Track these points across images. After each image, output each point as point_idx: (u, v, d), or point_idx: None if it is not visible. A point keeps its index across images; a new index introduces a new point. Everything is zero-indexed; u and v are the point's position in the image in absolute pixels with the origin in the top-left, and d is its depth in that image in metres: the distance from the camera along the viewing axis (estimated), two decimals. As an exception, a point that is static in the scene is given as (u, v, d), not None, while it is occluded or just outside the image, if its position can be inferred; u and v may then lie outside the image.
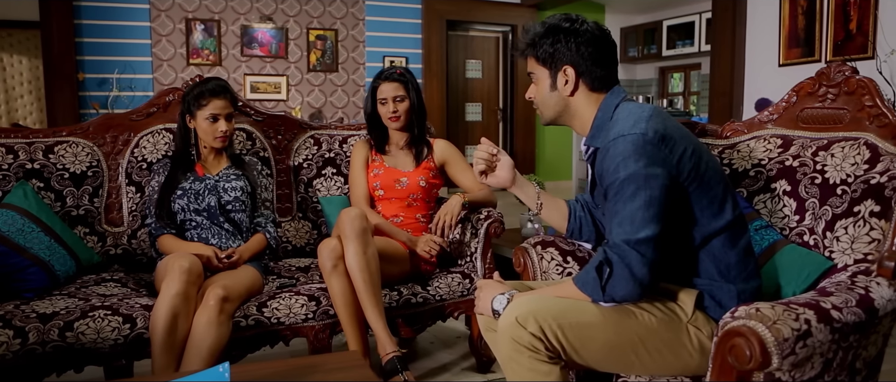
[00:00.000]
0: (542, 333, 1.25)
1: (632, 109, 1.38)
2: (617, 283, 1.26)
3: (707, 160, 1.37)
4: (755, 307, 1.12)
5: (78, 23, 5.89)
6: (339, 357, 1.49)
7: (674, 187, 1.30)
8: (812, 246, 1.54)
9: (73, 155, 2.35)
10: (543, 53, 1.45)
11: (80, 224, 2.32)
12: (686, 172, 1.32)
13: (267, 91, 6.74)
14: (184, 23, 6.29)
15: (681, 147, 1.32)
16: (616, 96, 1.44)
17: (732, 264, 1.36)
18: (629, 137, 1.29)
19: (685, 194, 1.33)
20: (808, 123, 1.73)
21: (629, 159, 1.28)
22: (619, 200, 1.28)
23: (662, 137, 1.30)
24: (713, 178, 1.36)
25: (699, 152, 1.36)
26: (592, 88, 1.45)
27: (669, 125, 1.34)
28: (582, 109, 1.47)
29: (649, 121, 1.31)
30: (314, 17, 6.84)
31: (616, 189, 1.29)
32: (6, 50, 7.64)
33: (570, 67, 1.43)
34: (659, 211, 1.27)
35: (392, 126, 2.41)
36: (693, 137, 1.40)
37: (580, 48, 1.41)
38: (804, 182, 1.62)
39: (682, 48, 7.29)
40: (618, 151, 1.30)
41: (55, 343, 1.80)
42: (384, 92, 2.39)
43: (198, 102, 2.20)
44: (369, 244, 2.02)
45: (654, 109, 1.37)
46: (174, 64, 6.29)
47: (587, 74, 1.43)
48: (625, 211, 1.27)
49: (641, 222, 1.25)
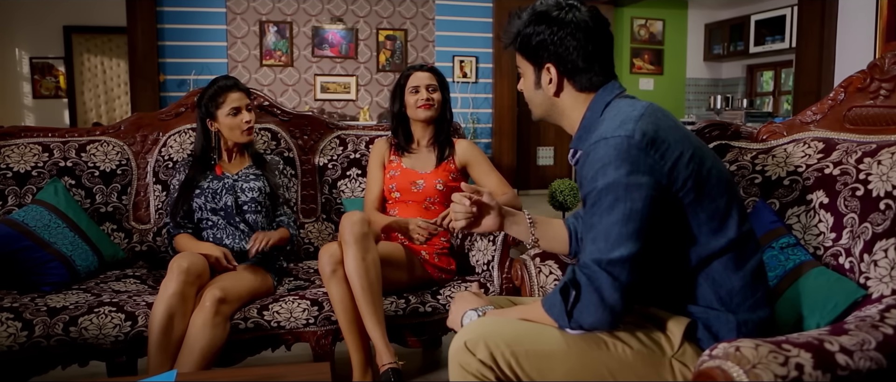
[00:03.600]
0: (492, 360, 1.10)
1: (622, 108, 1.20)
2: (584, 308, 1.09)
3: (710, 167, 1.17)
4: (736, 346, 0.94)
5: (160, 27, 6.21)
6: (304, 370, 1.41)
7: (664, 198, 1.12)
8: (846, 271, 1.30)
9: (104, 154, 2.41)
10: (526, 47, 1.28)
11: (108, 221, 2.38)
12: (681, 180, 1.13)
13: (336, 91, 6.83)
14: (257, 25, 6.49)
15: (675, 152, 1.13)
16: (609, 93, 1.26)
17: (735, 290, 1.16)
18: (612, 141, 1.12)
19: (679, 207, 1.15)
20: (855, 125, 1.48)
21: (609, 166, 1.11)
22: (596, 212, 1.12)
23: (652, 140, 1.12)
24: (716, 189, 1.16)
25: (700, 158, 1.16)
26: (580, 89, 1.27)
27: (663, 126, 1.15)
28: (569, 110, 1.30)
29: (638, 121, 1.14)
30: (384, 18, 6.87)
31: (593, 200, 1.12)
32: (106, 54, 8.21)
33: (552, 64, 1.26)
34: (640, 227, 1.09)
35: (421, 116, 2.29)
36: (695, 140, 1.21)
37: (565, 42, 1.23)
38: (844, 194, 1.37)
39: (772, 44, 6.72)
40: (598, 156, 1.13)
41: (59, 337, 1.84)
42: (417, 80, 2.29)
43: (214, 101, 2.20)
44: (369, 250, 1.93)
45: (648, 107, 1.19)
46: (248, 65, 6.51)
47: (574, 73, 1.25)
48: (600, 225, 1.10)
49: (617, 239, 1.08)
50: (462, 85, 7.07)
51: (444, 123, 2.34)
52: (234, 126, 2.21)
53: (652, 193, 1.10)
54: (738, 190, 1.29)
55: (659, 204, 1.11)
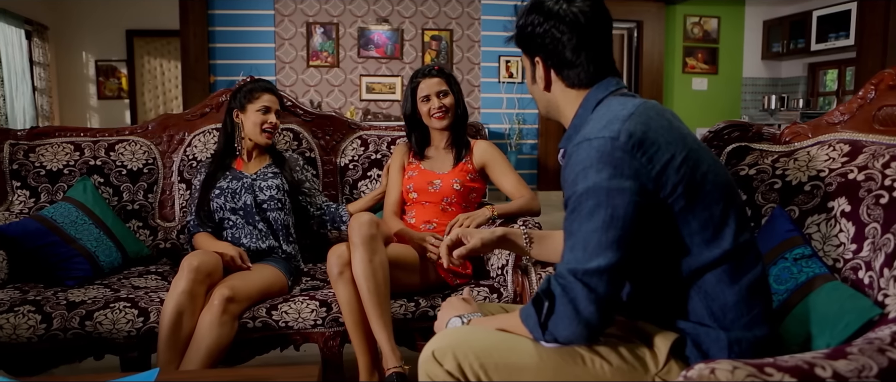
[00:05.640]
0: (460, 372, 1.05)
1: (612, 106, 1.12)
2: (559, 321, 1.03)
3: (706, 172, 1.08)
4: (712, 368, 0.85)
5: (211, 30, 6.39)
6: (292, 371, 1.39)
7: (650, 204, 1.04)
8: (865, 286, 1.19)
9: (132, 153, 2.48)
10: (520, 39, 1.23)
11: (134, 218, 2.45)
12: (670, 186, 1.05)
13: (382, 92, 6.87)
14: (305, 26, 6.59)
15: (665, 155, 1.05)
16: (602, 90, 1.18)
17: (729, 305, 1.07)
18: (595, 142, 1.05)
19: (669, 214, 1.06)
20: (886, 126, 1.35)
21: (591, 169, 1.04)
22: (575, 218, 1.05)
23: (639, 142, 1.04)
24: (711, 195, 1.08)
25: (695, 162, 1.07)
26: (570, 85, 1.20)
27: (654, 127, 1.07)
28: (562, 106, 1.23)
29: (626, 121, 1.06)
30: (429, 18, 6.87)
31: (573, 205, 1.05)
32: (164, 56, 8.53)
33: (540, 58, 1.20)
34: (622, 235, 1.01)
35: (436, 125, 2.27)
36: (692, 141, 1.11)
37: (551, 33, 1.17)
38: (867, 201, 1.25)
39: (835, 41, 6.35)
40: (580, 158, 1.06)
41: (75, 331, 1.89)
42: (426, 88, 2.26)
43: (250, 95, 2.28)
44: (377, 252, 1.90)
45: (640, 106, 1.10)
46: (295, 66, 6.62)
47: (562, 67, 1.19)
48: (579, 233, 1.04)
49: (596, 247, 1.01)
50: (508, 85, 6.99)
51: (459, 123, 2.30)
52: (257, 122, 2.27)
53: (636, 198, 1.02)
54: (739, 197, 1.19)
55: (644, 211, 1.03)
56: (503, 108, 6.97)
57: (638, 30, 7.38)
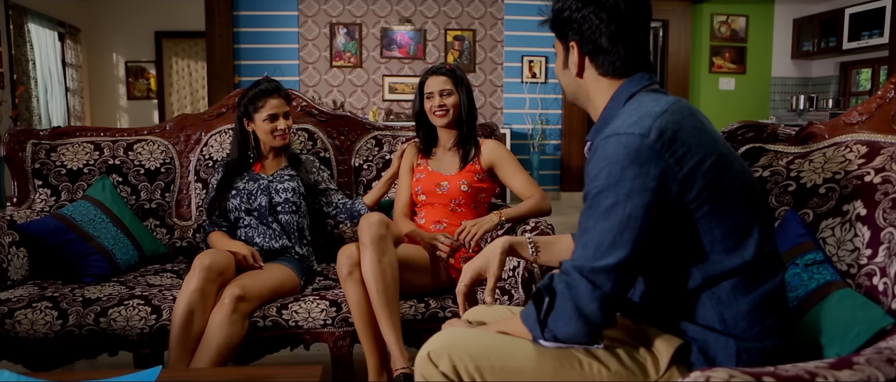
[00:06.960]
0: (455, 373, 1.03)
1: (644, 102, 1.08)
2: (559, 317, 1.01)
3: (734, 178, 1.04)
4: (707, 376, 0.83)
5: (236, 30, 6.47)
6: (294, 371, 1.39)
7: (672, 206, 1.01)
8: (879, 293, 1.14)
9: (149, 152, 2.51)
10: (556, 23, 1.20)
11: (151, 217, 2.48)
12: (696, 190, 1.01)
13: (405, 92, 6.88)
14: (328, 27, 6.63)
15: (695, 157, 1.01)
16: (635, 83, 1.15)
17: (741, 313, 1.03)
18: (624, 138, 1.01)
19: (690, 218, 1.03)
20: (905, 127, 1.30)
21: (615, 165, 1.00)
22: (591, 215, 1.02)
23: (670, 141, 1.00)
24: (737, 204, 1.04)
25: (723, 167, 1.03)
26: (604, 73, 1.17)
27: (686, 127, 1.03)
28: (593, 95, 1.20)
29: (657, 118, 1.02)
30: (452, 18, 6.86)
31: (591, 201, 1.03)
32: (192, 57, 8.68)
33: (575, 42, 1.17)
34: (636, 235, 0.99)
35: (438, 123, 2.26)
36: (723, 146, 1.07)
37: (589, 18, 1.13)
38: (883, 205, 1.21)
39: (869, 40, 6.18)
40: (606, 152, 1.02)
41: (90, 327, 1.92)
42: (431, 86, 2.25)
43: (254, 104, 2.25)
44: (386, 252, 1.90)
45: (674, 104, 1.06)
46: (318, 66, 6.67)
47: (596, 53, 1.15)
48: (594, 230, 1.01)
49: (609, 246, 0.99)
50: (530, 85, 6.94)
51: (466, 124, 2.28)
52: (268, 131, 2.26)
53: (657, 199, 0.99)
54: (767, 206, 1.15)
55: (663, 213, 1.00)
56: (526, 108, 6.92)
57: (663, 29, 7.27)
